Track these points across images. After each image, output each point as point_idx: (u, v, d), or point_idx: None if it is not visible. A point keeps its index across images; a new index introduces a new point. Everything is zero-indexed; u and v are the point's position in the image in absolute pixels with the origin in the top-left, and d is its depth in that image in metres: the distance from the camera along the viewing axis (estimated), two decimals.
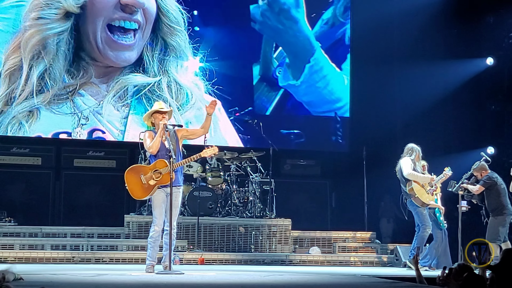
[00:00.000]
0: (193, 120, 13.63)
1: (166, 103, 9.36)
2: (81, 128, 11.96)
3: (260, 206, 13.06)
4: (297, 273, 9.90)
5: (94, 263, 11.17)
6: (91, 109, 12.83)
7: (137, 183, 9.08)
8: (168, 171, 8.90)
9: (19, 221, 12.50)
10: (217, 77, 14.56)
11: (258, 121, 13.74)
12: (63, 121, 13.15)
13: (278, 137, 14.69)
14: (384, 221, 15.33)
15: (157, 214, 9.04)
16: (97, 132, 12.46)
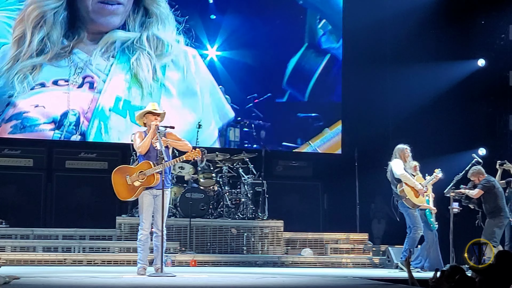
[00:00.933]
0: (170, 63, 14.00)
1: (158, 105, 9.29)
2: (77, 75, 12.65)
3: (252, 208, 13.05)
4: (290, 275, 9.91)
5: (86, 265, 11.16)
6: (84, 61, 13.27)
7: (123, 184, 9.07)
8: (152, 173, 8.90)
9: (11, 223, 12.46)
10: (235, 64, 14.95)
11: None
12: (62, 72, 13.36)
13: (295, 122, 15.13)
14: (375, 222, 15.35)
15: (144, 217, 9.03)
16: (88, 77, 12.95)
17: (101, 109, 13.25)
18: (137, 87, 13.51)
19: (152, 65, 13.51)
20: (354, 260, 12.55)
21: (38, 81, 12.93)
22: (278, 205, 14.13)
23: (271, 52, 15.34)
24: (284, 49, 15.44)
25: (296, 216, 14.55)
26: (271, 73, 15.35)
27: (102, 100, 13.05)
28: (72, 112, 12.98)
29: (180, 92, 14.17)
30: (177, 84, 14.12)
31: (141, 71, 13.57)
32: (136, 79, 13.56)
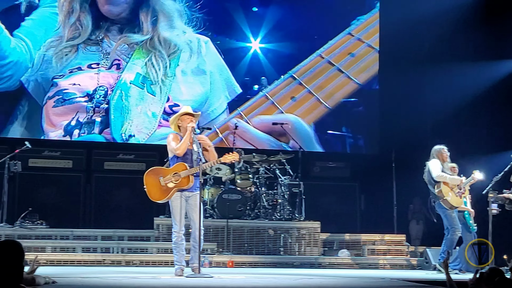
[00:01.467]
0: (184, 49, 14.80)
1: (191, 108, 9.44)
2: (106, 60, 13.96)
3: (289, 209, 13.07)
4: (326, 276, 9.90)
5: (124, 266, 11.26)
6: (112, 48, 14.30)
7: (156, 185, 9.12)
8: (187, 175, 8.94)
9: (51, 224, 12.61)
10: (278, 56, 15.30)
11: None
12: (94, 57, 14.26)
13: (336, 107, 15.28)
14: (413, 224, 15.26)
15: (176, 220, 9.06)
16: (116, 60, 14.16)
17: (124, 82, 14.16)
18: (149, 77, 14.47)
19: (164, 63, 14.44)
20: (392, 261, 12.50)
21: (75, 66, 13.95)
22: (315, 206, 14.12)
23: (313, 43, 15.47)
24: (326, 40, 15.54)
25: (333, 217, 14.53)
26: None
27: (124, 75, 14.09)
28: (101, 87, 13.84)
29: (192, 71, 14.74)
30: (189, 64, 14.74)
31: (153, 69, 14.38)
32: (149, 74, 14.44)
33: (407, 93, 15.19)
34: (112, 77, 14.14)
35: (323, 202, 14.86)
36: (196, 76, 14.74)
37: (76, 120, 13.81)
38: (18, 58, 13.80)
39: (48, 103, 13.77)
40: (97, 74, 14.04)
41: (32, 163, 14.07)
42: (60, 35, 14.11)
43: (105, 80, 14.18)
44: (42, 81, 13.89)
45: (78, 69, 13.95)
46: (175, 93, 14.46)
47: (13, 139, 13.82)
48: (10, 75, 13.59)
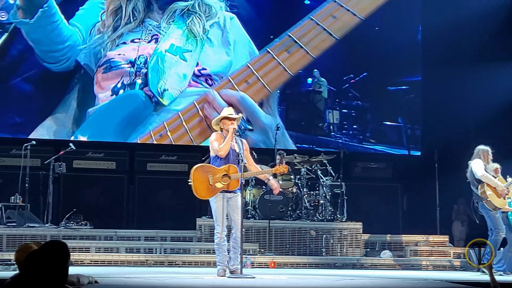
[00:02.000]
0: (214, 23, 15.64)
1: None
2: (147, 35, 15.15)
3: (331, 210, 13.05)
4: (368, 277, 9.87)
5: (167, 266, 11.34)
6: (152, 26, 15.25)
7: (203, 182, 9.13)
8: (236, 179, 8.98)
9: (95, 225, 12.76)
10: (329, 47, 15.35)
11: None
12: (137, 34, 15.13)
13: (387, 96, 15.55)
14: (457, 225, 15.13)
15: (219, 221, 9.08)
16: (155, 35, 15.25)
17: (160, 51, 15.07)
18: (190, 38, 15.37)
19: (202, 23, 15.42)
20: (434, 262, 12.40)
21: (121, 41, 15.01)
22: (357, 207, 14.10)
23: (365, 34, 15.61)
24: (378, 31, 15.67)
25: (375, 218, 14.49)
26: (365, 54, 15.65)
27: (161, 45, 15.09)
28: (142, 56, 14.81)
29: (219, 42, 15.39)
30: (217, 36, 15.47)
31: (194, 27, 15.36)
32: (190, 32, 15.38)
33: (450, 92, 15.07)
34: (151, 48, 15.10)
35: (365, 203, 14.84)
36: (222, 47, 15.40)
37: (121, 83, 14.68)
38: (74, 42, 14.65)
39: (98, 71, 14.77)
40: (138, 46, 15.09)
41: (76, 164, 14.29)
42: (107, 22, 15.00)
43: (144, 51, 15.05)
44: (93, 56, 14.80)
45: (123, 43, 15.04)
46: (203, 60, 15.21)
47: (57, 141, 14.03)
48: (68, 57, 14.52)
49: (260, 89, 15.17)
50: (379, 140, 15.58)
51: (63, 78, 14.60)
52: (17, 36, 14.28)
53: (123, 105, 14.67)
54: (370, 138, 15.58)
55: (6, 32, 14.28)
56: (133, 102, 14.65)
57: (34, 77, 14.48)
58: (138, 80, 14.94)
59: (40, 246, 4.57)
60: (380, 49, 15.48)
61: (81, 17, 15.01)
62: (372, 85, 15.62)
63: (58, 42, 14.59)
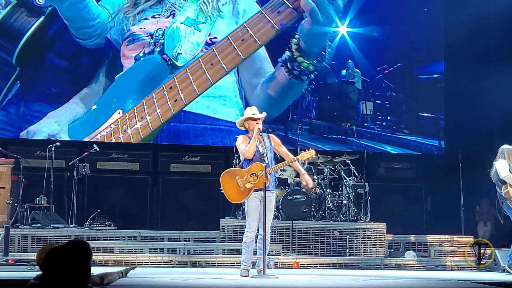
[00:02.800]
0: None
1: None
2: (166, 11, 15.68)
3: (354, 210, 13.02)
4: (392, 277, 9.84)
5: (190, 267, 11.37)
6: (171, 3, 15.68)
7: (234, 186, 9.18)
8: (265, 176, 8.98)
9: (119, 225, 12.82)
10: (364, 39, 15.53)
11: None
12: (157, 11, 15.55)
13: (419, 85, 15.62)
14: (481, 225, 15.04)
15: (251, 220, 9.11)
16: (173, 11, 15.70)
17: (176, 23, 15.45)
18: (202, 14, 15.68)
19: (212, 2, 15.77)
20: (459, 263, 12.32)
21: (142, 17, 15.45)
22: (381, 207, 14.05)
23: (399, 27, 15.75)
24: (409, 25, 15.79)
25: (399, 218, 14.44)
26: (400, 45, 15.78)
27: (177, 18, 15.50)
28: (160, 29, 15.31)
29: (229, 14, 15.61)
30: (228, 9, 15.67)
31: (204, 7, 15.62)
32: (202, 12, 15.66)
33: (473, 92, 14.97)
34: (169, 21, 15.55)
35: (388, 203, 14.79)
36: (232, 17, 15.68)
37: (142, 52, 15.25)
38: (103, 20, 15.21)
39: (123, 43, 15.34)
40: (158, 21, 15.61)
41: (100, 165, 14.38)
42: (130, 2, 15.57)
43: (163, 24, 15.49)
44: (119, 31, 15.30)
45: (145, 19, 15.54)
46: (215, 30, 15.50)
47: (81, 142, 14.13)
48: (99, 34, 15.15)
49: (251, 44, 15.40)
50: (413, 131, 15.50)
51: (95, 52, 15.10)
52: (54, 18, 14.89)
53: (143, 68, 15.25)
54: (404, 129, 15.53)
55: (43, 15, 15.04)
56: (151, 65, 15.29)
57: (70, 52, 15.14)
58: (157, 48, 15.52)
59: (62, 245, 4.60)
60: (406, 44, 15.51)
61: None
62: (405, 76, 15.63)
63: (89, 19, 15.20)
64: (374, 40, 15.60)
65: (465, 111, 14.96)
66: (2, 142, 13.26)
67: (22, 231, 11.87)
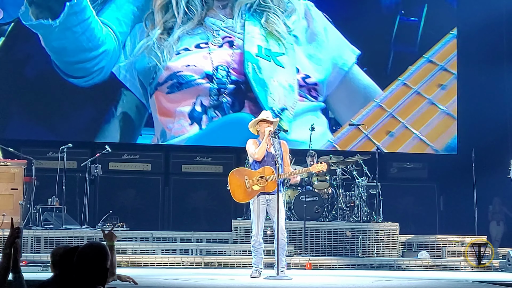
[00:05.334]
0: (294, 15, 14.36)
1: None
2: (215, 37, 13.42)
3: (366, 210, 12.97)
4: (406, 278, 9.80)
5: (203, 268, 11.35)
6: (217, 25, 13.92)
7: (240, 186, 9.15)
8: (273, 180, 8.94)
9: (131, 226, 12.82)
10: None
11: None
12: (200, 37, 13.97)
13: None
14: (493, 225, 14.97)
15: (255, 224, 9.10)
16: (226, 37, 13.66)
17: (249, 55, 13.68)
18: (274, 39, 13.98)
19: (282, 20, 13.93)
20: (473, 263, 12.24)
21: (181, 47, 13.51)
22: (393, 208, 13.99)
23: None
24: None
25: (412, 218, 14.40)
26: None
27: (247, 47, 13.53)
28: (221, 67, 13.46)
29: (305, 37, 14.50)
30: (301, 30, 14.44)
31: (275, 28, 13.94)
32: (271, 34, 13.96)
33: (486, 91, 14.92)
34: (228, 54, 13.64)
35: (401, 203, 14.74)
36: (309, 43, 14.45)
37: (200, 105, 13.41)
38: (109, 47, 13.36)
39: (159, 91, 13.36)
40: (210, 54, 13.47)
41: (112, 166, 14.38)
42: (153, 20, 13.67)
43: (221, 59, 13.75)
44: (141, 68, 13.48)
45: (185, 50, 13.38)
46: (301, 64, 14.03)
47: (93, 143, 14.13)
48: (101, 67, 13.19)
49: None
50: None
51: (98, 94, 13.55)
52: (19, 38, 12.84)
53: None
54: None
55: (3, 36, 12.49)
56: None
57: (55, 94, 13.30)
58: (224, 99, 13.13)
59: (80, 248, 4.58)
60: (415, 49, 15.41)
61: (112, 13, 13.21)
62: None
63: (90, 49, 12.79)
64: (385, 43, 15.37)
65: (478, 110, 14.90)
66: (15, 143, 13.27)
67: (34, 232, 11.88)
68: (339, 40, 14.72)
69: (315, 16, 14.49)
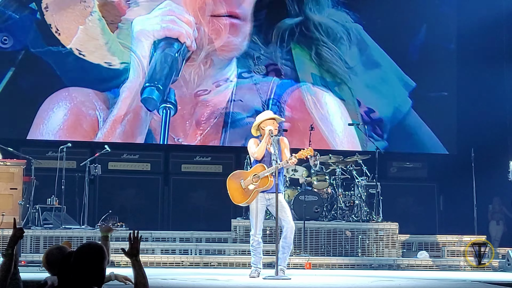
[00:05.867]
0: (345, 41, 13.78)
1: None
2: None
3: (366, 210, 12.96)
4: (406, 278, 9.79)
5: (202, 267, 11.35)
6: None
7: (237, 189, 9.18)
8: (266, 175, 8.95)
9: (130, 226, 12.78)
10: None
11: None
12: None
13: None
14: (493, 224, 14.97)
15: (253, 223, 9.11)
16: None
17: (306, 86, 13.13)
18: (328, 75, 13.52)
19: (337, 54, 13.38)
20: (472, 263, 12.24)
21: (221, 78, 13.05)
22: (393, 207, 13.97)
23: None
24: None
25: (411, 218, 14.38)
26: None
27: (301, 76, 12.93)
28: (272, 100, 13.09)
29: (364, 66, 14.19)
30: (355, 56, 14.06)
31: (331, 65, 13.54)
32: (328, 72, 13.57)
33: (485, 90, 14.92)
34: (275, 84, 13.17)
35: (401, 203, 14.73)
36: (367, 70, 14.08)
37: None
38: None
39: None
40: (256, 84, 13.02)
41: (111, 166, 14.36)
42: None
43: (267, 90, 13.29)
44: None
45: (225, 81, 12.96)
46: (361, 93, 13.54)
47: (93, 143, 14.12)
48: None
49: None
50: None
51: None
52: (31, 65, 13.18)
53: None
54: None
55: (13, 67, 12.87)
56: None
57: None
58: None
59: (77, 249, 4.58)
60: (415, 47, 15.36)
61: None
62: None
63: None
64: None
65: (478, 110, 14.89)
66: (14, 142, 13.26)
67: (34, 232, 11.88)
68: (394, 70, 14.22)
69: (367, 41, 14.02)
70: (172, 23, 13.47)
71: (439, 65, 15.40)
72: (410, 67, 15.14)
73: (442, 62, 15.42)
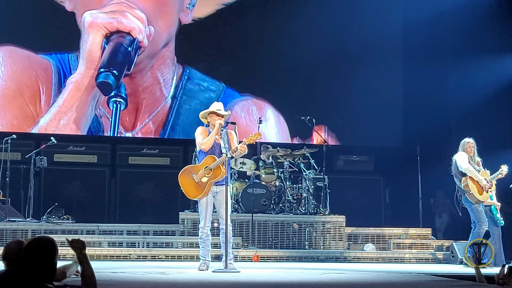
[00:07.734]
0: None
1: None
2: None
3: (313, 203, 13.05)
4: (352, 270, 9.87)
5: (150, 260, 11.30)
6: None
7: (191, 183, 9.18)
8: (217, 165, 8.98)
9: (77, 219, 12.66)
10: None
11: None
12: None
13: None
14: (437, 217, 15.21)
15: (202, 215, 9.14)
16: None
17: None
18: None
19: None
20: (417, 255, 12.44)
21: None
22: (340, 200, 14.10)
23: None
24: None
25: (358, 211, 14.51)
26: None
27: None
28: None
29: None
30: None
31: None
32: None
33: (431, 86, 15.13)
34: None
35: (347, 196, 14.87)
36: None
37: None
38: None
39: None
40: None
41: (57, 158, 14.20)
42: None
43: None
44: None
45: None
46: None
47: (38, 135, 13.92)
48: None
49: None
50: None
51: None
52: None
53: None
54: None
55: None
56: None
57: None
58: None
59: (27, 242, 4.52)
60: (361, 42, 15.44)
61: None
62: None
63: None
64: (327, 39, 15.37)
65: (423, 104, 15.09)
66: None
67: None
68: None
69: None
70: (124, 16, 13.67)
71: (385, 60, 15.54)
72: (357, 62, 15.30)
73: (388, 58, 15.56)
